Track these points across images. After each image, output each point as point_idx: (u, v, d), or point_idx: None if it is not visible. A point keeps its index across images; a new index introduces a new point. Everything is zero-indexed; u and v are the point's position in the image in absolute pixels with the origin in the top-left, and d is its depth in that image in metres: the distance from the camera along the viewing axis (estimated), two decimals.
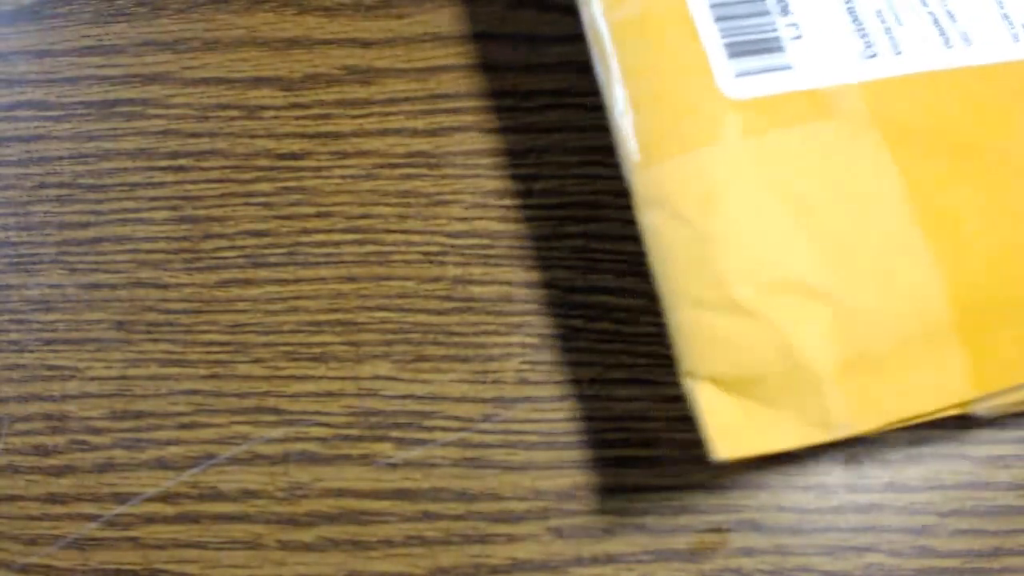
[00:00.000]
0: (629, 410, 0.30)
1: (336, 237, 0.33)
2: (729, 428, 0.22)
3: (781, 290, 0.22)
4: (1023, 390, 0.23)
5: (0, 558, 0.31)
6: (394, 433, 0.31)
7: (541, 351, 0.31)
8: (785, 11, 0.24)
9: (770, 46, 0.24)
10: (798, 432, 0.22)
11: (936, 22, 0.24)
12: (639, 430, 0.30)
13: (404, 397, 0.31)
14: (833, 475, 0.29)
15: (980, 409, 0.23)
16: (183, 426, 0.32)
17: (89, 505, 0.31)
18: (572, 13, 0.33)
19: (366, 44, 0.34)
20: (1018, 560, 0.28)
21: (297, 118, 0.34)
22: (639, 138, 0.23)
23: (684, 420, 0.30)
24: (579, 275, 0.31)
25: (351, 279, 0.32)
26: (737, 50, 0.24)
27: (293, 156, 0.33)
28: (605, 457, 0.30)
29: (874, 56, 0.24)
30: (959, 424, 0.29)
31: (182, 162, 0.34)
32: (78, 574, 0.31)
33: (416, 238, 0.32)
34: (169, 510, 0.31)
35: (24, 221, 0.34)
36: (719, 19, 0.24)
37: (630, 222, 0.31)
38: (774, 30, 0.24)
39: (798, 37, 0.24)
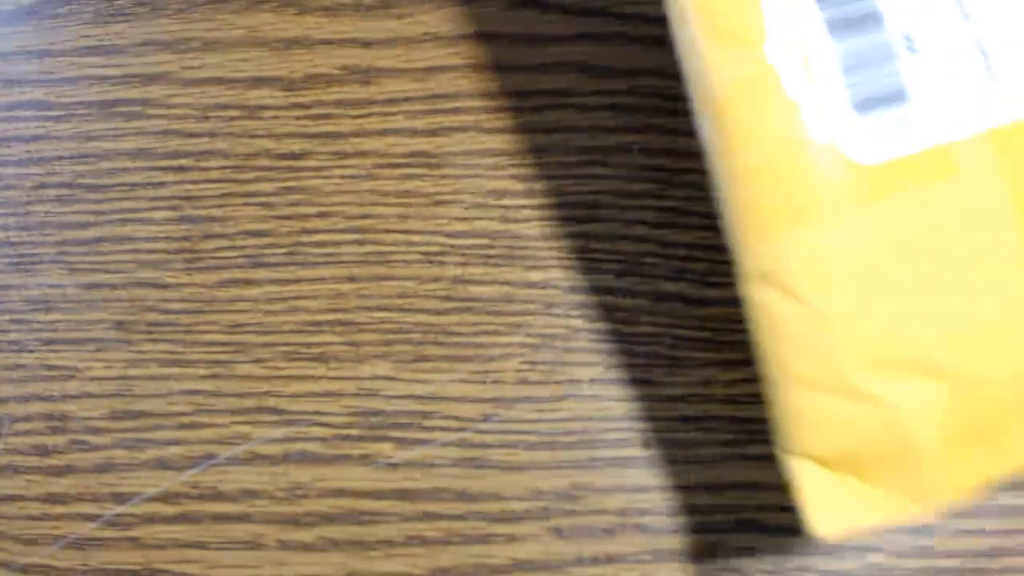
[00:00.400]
0: (629, 410, 0.30)
1: (336, 237, 0.33)
2: (828, 504, 0.22)
3: (895, 370, 0.21)
4: None
5: (0, 558, 0.31)
6: (394, 433, 0.31)
7: (541, 351, 0.31)
8: (912, 49, 0.21)
9: (897, 96, 0.21)
10: (899, 508, 0.21)
11: None
12: (639, 430, 0.30)
13: (404, 397, 0.31)
14: None
15: None
16: (183, 426, 0.32)
17: (89, 505, 0.31)
18: (572, 13, 0.33)
19: (366, 44, 0.34)
20: (1018, 560, 0.28)
21: (297, 118, 0.34)
22: (749, 209, 0.22)
23: (684, 420, 0.30)
24: (579, 275, 0.31)
25: (351, 279, 0.32)
26: (865, 105, 0.21)
27: (293, 156, 0.33)
28: (605, 457, 0.30)
29: (1005, 97, 0.21)
30: None
31: (182, 162, 0.34)
32: (78, 574, 0.31)
33: (416, 238, 0.32)
34: (169, 510, 0.31)
35: (24, 221, 0.34)
36: (848, 69, 0.21)
37: (630, 222, 0.31)
38: (898, 75, 0.21)
39: (925, 82, 0.21)
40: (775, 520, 0.29)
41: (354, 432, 0.31)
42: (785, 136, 0.21)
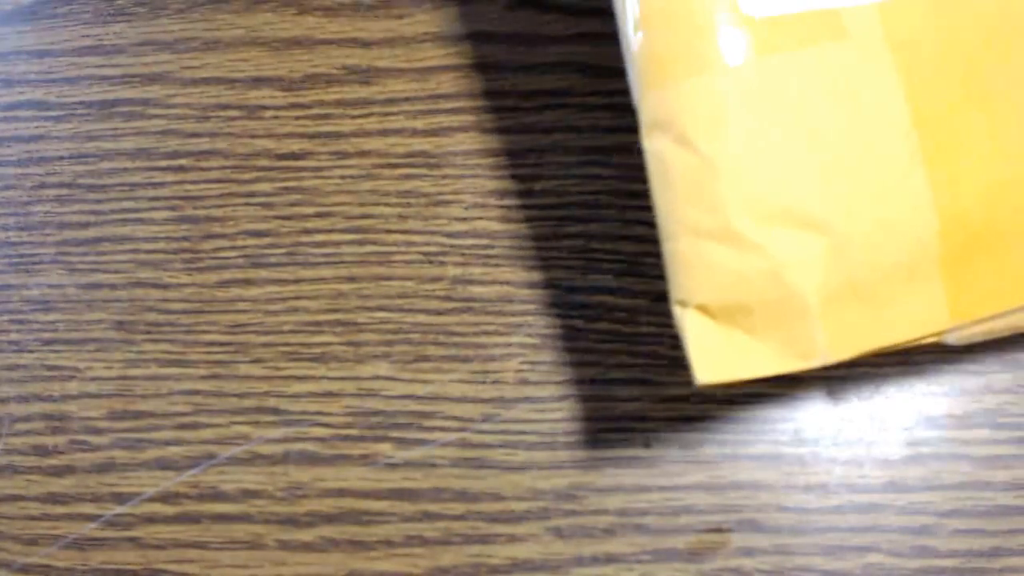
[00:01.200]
0: (629, 410, 0.30)
1: (336, 237, 0.33)
2: (714, 354, 0.22)
3: (779, 220, 0.22)
4: (993, 321, 0.23)
5: (0, 558, 0.31)
6: (394, 433, 0.31)
7: (541, 351, 0.31)
8: None
9: None
10: (780, 360, 0.22)
11: None
12: (639, 430, 0.30)
13: (404, 397, 0.31)
14: (833, 475, 0.29)
15: (952, 339, 0.23)
16: (183, 426, 0.32)
17: (89, 505, 0.31)
18: (572, 13, 0.33)
19: (366, 44, 0.34)
20: (1018, 560, 0.28)
21: (297, 118, 0.34)
22: (649, 58, 0.22)
23: (684, 420, 0.30)
24: (579, 275, 0.31)
25: (351, 279, 0.32)
26: None
27: (293, 156, 0.33)
28: (605, 457, 0.30)
29: None
30: (958, 423, 0.29)
31: (182, 162, 0.34)
32: (78, 574, 0.31)
33: (416, 238, 0.32)
34: (169, 510, 0.31)
35: (24, 221, 0.34)
36: None
37: (630, 222, 0.31)
38: None
39: None
40: (775, 520, 0.29)
41: (354, 432, 0.31)
42: None
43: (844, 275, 0.22)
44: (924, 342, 0.23)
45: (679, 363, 0.30)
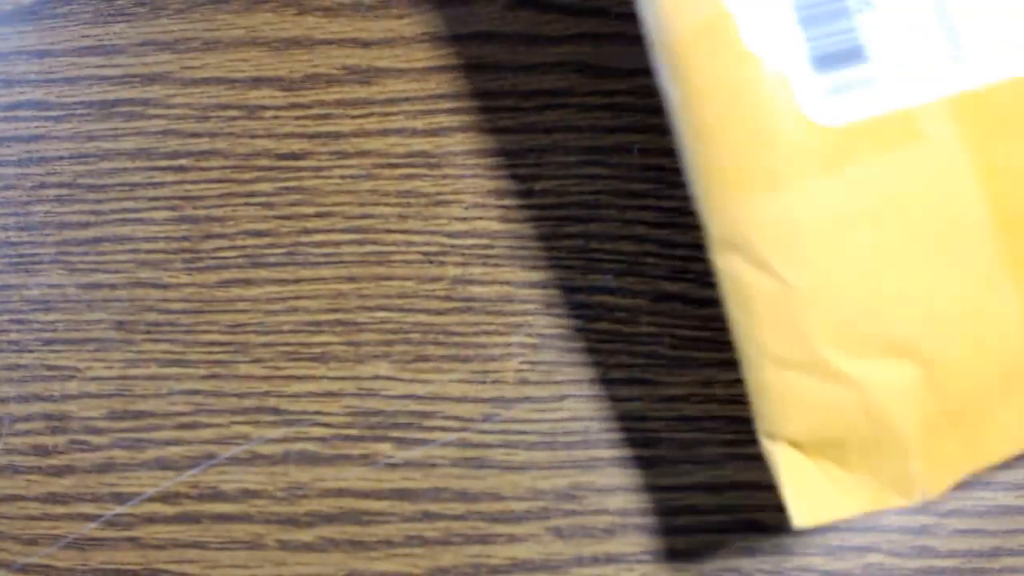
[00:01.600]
0: (629, 410, 0.30)
1: (336, 237, 0.33)
2: (809, 493, 0.21)
3: (868, 349, 0.20)
4: None
5: (0, 558, 0.31)
6: (394, 433, 0.31)
7: (541, 351, 0.31)
8: (868, 3, 0.21)
9: (855, 53, 0.21)
10: (878, 497, 0.21)
11: None
12: (639, 430, 0.30)
13: (404, 397, 0.31)
14: None
15: None
16: (183, 426, 0.32)
17: (89, 505, 0.31)
18: (572, 13, 0.33)
19: (366, 44, 0.34)
20: (1018, 560, 0.28)
21: (297, 118, 0.34)
22: (713, 171, 0.21)
23: (684, 420, 0.30)
24: (579, 275, 0.31)
25: (351, 279, 0.32)
26: (824, 61, 0.20)
27: (293, 156, 0.33)
28: (605, 457, 0.30)
29: (966, 61, 0.21)
30: None
31: (182, 162, 0.34)
32: (78, 574, 0.31)
33: (416, 238, 0.32)
34: (169, 510, 0.31)
35: (24, 221, 0.34)
36: (804, 21, 0.20)
37: (630, 222, 0.31)
38: (855, 31, 0.21)
39: (884, 40, 0.21)
40: (775, 520, 0.29)
41: (354, 432, 0.31)
42: (746, 88, 0.20)
43: (939, 403, 0.21)
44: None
45: (679, 363, 0.30)
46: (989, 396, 0.21)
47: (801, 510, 0.21)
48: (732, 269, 0.21)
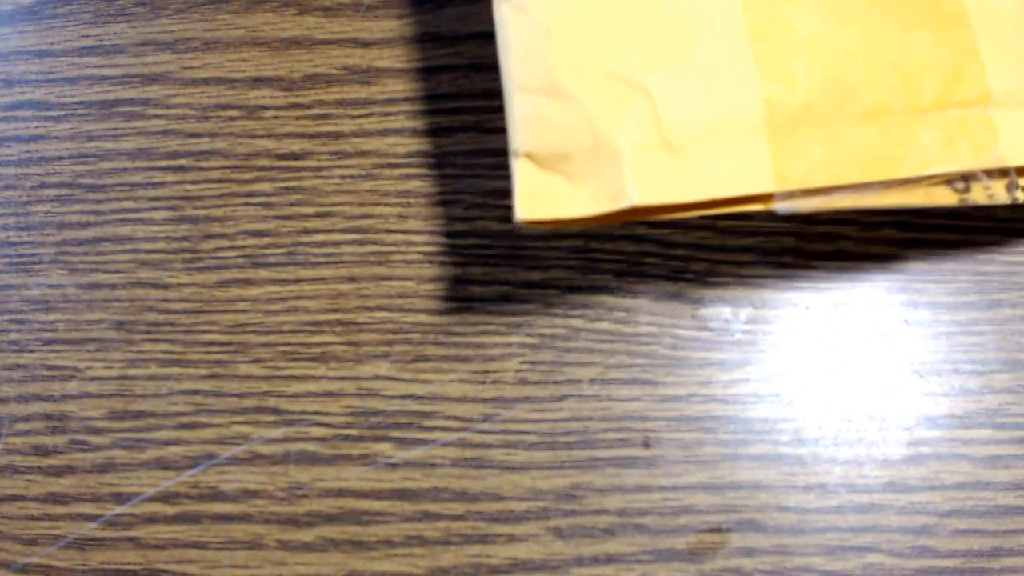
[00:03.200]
0: (629, 410, 0.30)
1: (336, 237, 0.33)
2: (535, 196, 0.24)
3: (599, 78, 0.24)
4: (821, 196, 0.24)
5: (0, 558, 0.31)
6: (394, 433, 0.31)
7: (541, 351, 0.31)
8: None
9: None
10: (593, 202, 0.24)
11: None
12: (639, 430, 0.30)
13: (404, 397, 0.31)
14: (833, 475, 0.29)
15: (781, 207, 0.24)
16: (183, 426, 0.32)
17: (89, 505, 0.31)
18: None
19: (366, 44, 0.34)
20: (1018, 560, 0.28)
21: (297, 118, 0.34)
22: None
23: (684, 420, 0.30)
24: (579, 275, 0.31)
25: (351, 279, 0.32)
26: None
27: (293, 156, 0.33)
28: (605, 457, 0.30)
29: None
30: (958, 423, 0.29)
31: (182, 162, 0.34)
32: (78, 574, 0.31)
33: (416, 238, 0.32)
34: (169, 510, 0.31)
35: (24, 221, 0.34)
36: None
37: (630, 221, 0.31)
38: None
39: None
40: (775, 520, 0.29)
41: (354, 432, 0.31)
42: None
43: (659, 130, 0.24)
44: (753, 208, 0.24)
45: (679, 363, 0.30)
46: (714, 138, 0.24)
47: (525, 206, 0.24)
48: (500, 15, 0.25)
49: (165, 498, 0.31)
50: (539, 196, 0.24)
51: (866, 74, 0.24)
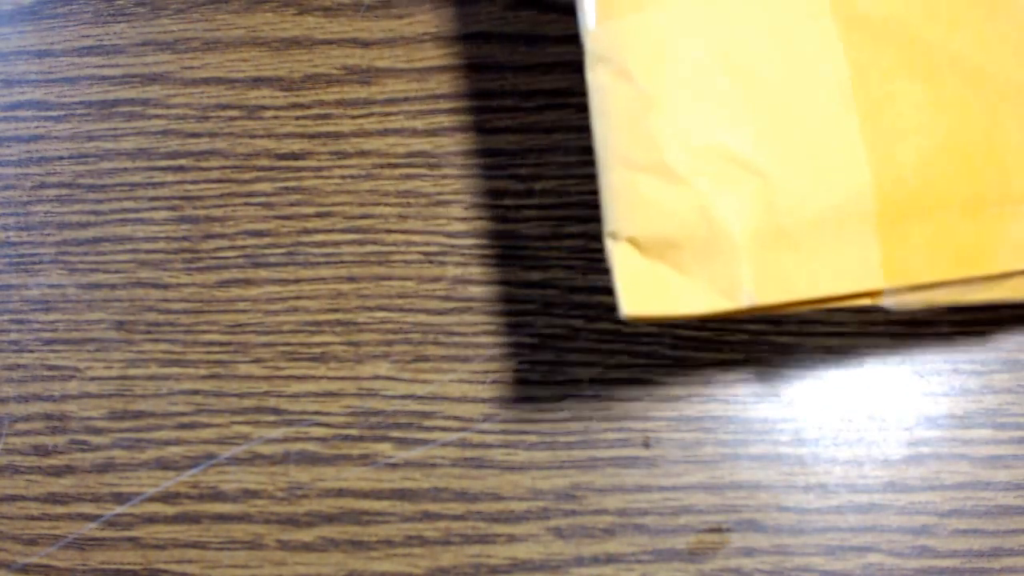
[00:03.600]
0: (629, 410, 0.30)
1: (336, 237, 0.33)
2: (641, 288, 0.22)
3: (712, 157, 0.22)
4: (932, 291, 0.23)
5: (0, 558, 0.31)
6: (394, 433, 0.31)
7: (541, 351, 0.31)
8: None
9: None
10: (705, 299, 0.22)
11: None
12: (639, 430, 0.30)
13: (404, 397, 0.31)
14: (833, 475, 0.29)
15: (890, 303, 0.23)
16: (183, 426, 0.32)
17: (89, 505, 0.31)
18: (572, 13, 0.33)
19: (366, 44, 0.34)
20: (1018, 560, 0.28)
21: (297, 118, 0.34)
22: None
23: (684, 420, 0.30)
24: (579, 275, 0.31)
25: (351, 279, 0.32)
26: None
27: (293, 156, 0.33)
28: (605, 457, 0.30)
29: None
30: (958, 423, 0.29)
31: (182, 162, 0.34)
32: (78, 574, 0.31)
33: (416, 238, 0.32)
34: (169, 510, 0.31)
35: (24, 221, 0.34)
36: None
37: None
38: None
39: None
40: (775, 520, 0.29)
41: (354, 432, 0.31)
42: None
43: (774, 219, 0.22)
44: (861, 303, 0.23)
45: (679, 363, 0.30)
46: (826, 228, 0.22)
47: (631, 300, 0.22)
48: (598, 80, 0.23)
49: (165, 498, 0.31)
50: (646, 288, 0.22)
51: (964, 162, 0.23)
